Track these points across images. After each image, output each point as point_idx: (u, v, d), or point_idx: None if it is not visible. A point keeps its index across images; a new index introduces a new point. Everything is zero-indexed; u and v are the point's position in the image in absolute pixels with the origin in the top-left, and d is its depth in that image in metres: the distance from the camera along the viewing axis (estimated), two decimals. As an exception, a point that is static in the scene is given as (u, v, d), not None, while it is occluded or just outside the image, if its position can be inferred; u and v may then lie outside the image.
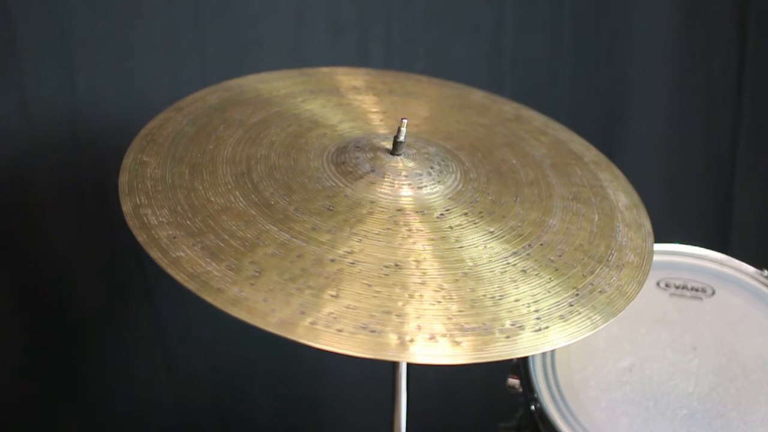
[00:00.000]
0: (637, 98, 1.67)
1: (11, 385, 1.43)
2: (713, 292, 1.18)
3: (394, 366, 1.00)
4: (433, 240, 0.85)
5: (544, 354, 1.09)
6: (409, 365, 1.00)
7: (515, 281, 0.83)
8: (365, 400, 1.44)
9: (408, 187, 0.91)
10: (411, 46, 1.51)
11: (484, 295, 0.80)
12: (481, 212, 0.91)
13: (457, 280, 0.81)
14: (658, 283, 1.18)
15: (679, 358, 1.11)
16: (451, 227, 0.87)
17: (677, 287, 1.19)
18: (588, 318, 0.83)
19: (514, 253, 0.87)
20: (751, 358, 1.10)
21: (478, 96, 1.20)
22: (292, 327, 0.73)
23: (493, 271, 0.84)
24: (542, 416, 1.03)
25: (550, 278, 0.85)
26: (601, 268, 0.89)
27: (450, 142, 1.03)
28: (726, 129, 1.69)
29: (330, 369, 1.61)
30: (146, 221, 0.82)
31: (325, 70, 1.17)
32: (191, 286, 0.76)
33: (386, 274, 0.80)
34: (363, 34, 1.48)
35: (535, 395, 1.05)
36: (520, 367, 1.09)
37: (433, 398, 1.56)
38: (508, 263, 0.85)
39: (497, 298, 0.81)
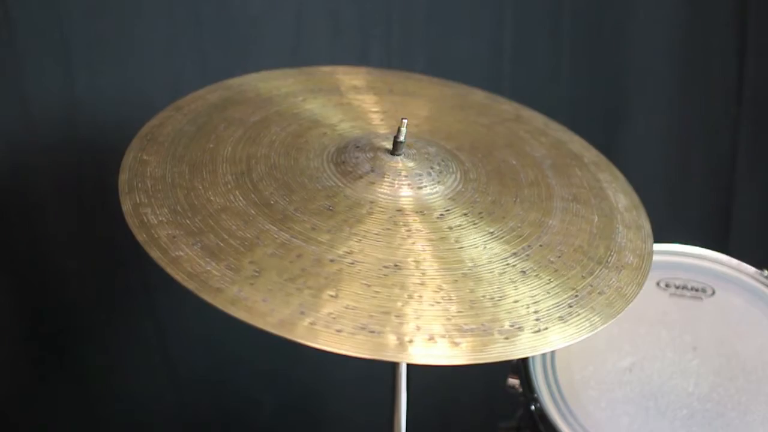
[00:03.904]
0: (637, 98, 1.67)
1: (11, 385, 1.43)
2: (713, 292, 1.18)
3: (394, 366, 1.00)
4: (432, 240, 0.85)
5: (544, 354, 1.09)
6: (409, 365, 1.00)
7: (514, 282, 0.83)
8: (365, 400, 1.44)
9: (408, 187, 0.90)
10: (411, 46, 1.51)
11: (484, 296, 0.80)
12: (480, 213, 0.91)
13: (456, 280, 0.81)
14: (658, 283, 1.18)
15: (679, 358, 1.11)
16: (450, 228, 0.87)
17: (677, 287, 1.19)
18: (587, 319, 0.82)
19: (514, 253, 0.87)
20: (751, 358, 1.10)
21: (478, 96, 1.20)
22: (292, 327, 0.73)
23: (493, 271, 0.84)
24: (542, 416, 1.03)
25: (549, 279, 0.85)
26: (601, 270, 0.89)
27: (450, 142, 1.03)
28: (726, 129, 1.69)
29: (330, 369, 1.61)
30: (146, 220, 0.82)
31: (325, 69, 1.17)
32: (191, 285, 0.76)
33: (385, 275, 0.80)
34: (363, 34, 1.48)
35: (535, 395, 1.05)
36: (520, 367, 1.09)
37: (433, 398, 1.55)
38: (507, 264, 0.85)
39: (496, 299, 0.81)
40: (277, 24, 1.41)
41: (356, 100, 1.10)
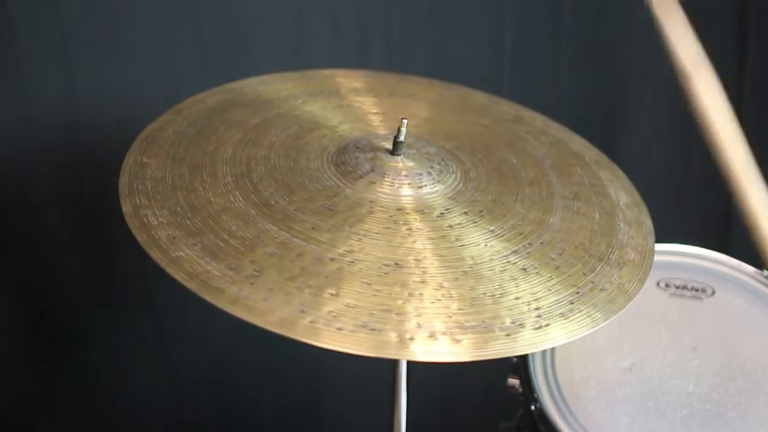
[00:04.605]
0: (637, 98, 1.67)
1: (11, 384, 1.43)
2: (713, 292, 1.18)
3: (394, 365, 1.00)
4: (433, 239, 0.85)
5: (544, 354, 1.09)
6: (409, 365, 1.00)
7: (515, 279, 0.83)
8: (365, 400, 1.44)
9: (408, 186, 0.91)
10: (411, 46, 1.51)
11: (485, 294, 0.81)
12: (481, 211, 0.91)
13: (457, 278, 0.81)
14: (658, 283, 1.18)
15: (679, 358, 1.11)
16: (451, 226, 0.88)
17: (677, 287, 1.19)
18: (589, 316, 0.83)
19: (515, 251, 0.87)
20: (751, 358, 1.10)
21: (478, 97, 1.20)
22: (292, 326, 0.73)
23: (494, 269, 0.84)
24: (542, 416, 1.03)
25: (550, 276, 0.85)
26: (602, 267, 0.89)
27: (450, 143, 1.03)
28: (726, 129, 1.68)
29: (330, 368, 1.61)
30: (146, 222, 0.82)
31: (325, 72, 1.17)
32: (191, 285, 0.76)
33: (386, 273, 0.80)
34: (363, 34, 1.48)
35: (535, 395, 1.05)
36: (520, 367, 1.09)
37: (433, 398, 1.56)
38: (508, 261, 0.85)
39: (497, 296, 0.81)
40: (277, 24, 1.41)
41: (356, 102, 1.10)
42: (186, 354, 1.54)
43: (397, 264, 0.81)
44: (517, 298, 0.81)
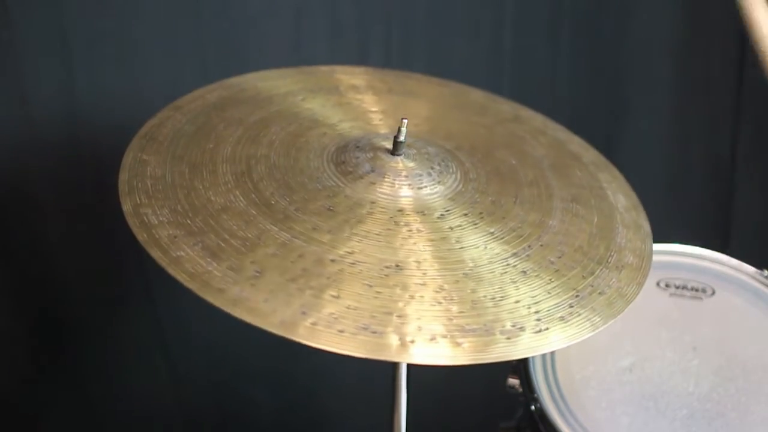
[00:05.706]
0: (637, 98, 1.67)
1: (11, 385, 1.43)
2: (713, 292, 1.18)
3: (394, 366, 1.00)
4: (433, 240, 0.85)
5: (544, 354, 1.09)
6: (409, 365, 1.00)
7: (515, 282, 0.83)
8: (365, 400, 1.44)
9: (408, 187, 0.90)
10: (411, 46, 1.51)
11: (485, 296, 0.80)
12: (481, 213, 0.91)
13: (457, 281, 0.81)
14: (658, 283, 1.18)
15: (679, 358, 1.11)
16: (451, 228, 0.87)
17: (677, 287, 1.19)
18: (588, 319, 0.83)
19: (514, 254, 0.87)
20: (751, 359, 1.10)
21: (477, 96, 1.20)
22: (293, 327, 0.73)
23: (494, 272, 0.84)
24: (542, 416, 1.03)
25: (550, 279, 0.85)
26: (601, 270, 0.89)
27: (450, 142, 1.03)
28: (726, 129, 1.69)
29: (330, 369, 1.61)
30: (146, 220, 0.82)
31: (324, 68, 1.17)
32: (192, 285, 0.75)
33: (387, 275, 0.80)
34: (363, 34, 1.48)
35: (535, 395, 1.05)
36: (520, 367, 1.09)
37: (433, 398, 1.55)
38: (508, 264, 0.85)
39: (498, 299, 0.81)
40: (277, 24, 1.41)
41: (356, 100, 1.09)
42: (186, 354, 1.54)
43: (397, 266, 0.81)
44: (517, 302, 0.81)
